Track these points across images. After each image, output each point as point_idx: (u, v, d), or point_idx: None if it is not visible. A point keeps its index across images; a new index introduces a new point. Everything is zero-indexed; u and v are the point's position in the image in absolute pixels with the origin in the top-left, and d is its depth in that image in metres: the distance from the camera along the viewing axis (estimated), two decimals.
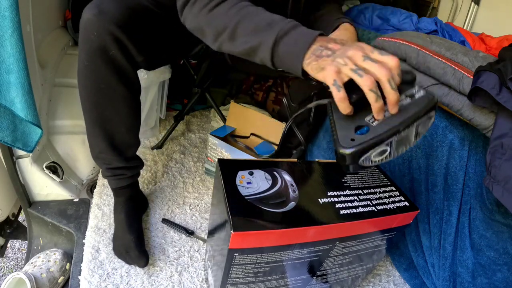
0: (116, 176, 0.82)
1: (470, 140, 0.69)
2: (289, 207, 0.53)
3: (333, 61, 0.44)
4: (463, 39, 0.97)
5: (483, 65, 0.61)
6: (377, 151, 0.43)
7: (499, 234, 0.66)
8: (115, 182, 0.83)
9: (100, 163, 0.81)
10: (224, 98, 1.57)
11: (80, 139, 1.02)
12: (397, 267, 0.91)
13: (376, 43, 0.84)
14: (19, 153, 0.84)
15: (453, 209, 0.73)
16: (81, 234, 0.87)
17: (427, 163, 0.77)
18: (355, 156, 0.43)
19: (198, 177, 1.10)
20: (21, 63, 0.65)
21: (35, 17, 0.88)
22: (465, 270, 0.73)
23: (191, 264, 0.81)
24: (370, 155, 0.43)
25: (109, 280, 0.74)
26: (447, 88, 0.69)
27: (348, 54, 0.43)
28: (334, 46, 0.46)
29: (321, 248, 0.56)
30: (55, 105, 0.98)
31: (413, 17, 1.08)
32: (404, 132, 0.43)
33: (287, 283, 0.62)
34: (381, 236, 0.61)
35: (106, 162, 0.80)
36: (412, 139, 0.46)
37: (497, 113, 0.59)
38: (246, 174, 0.57)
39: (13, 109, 0.66)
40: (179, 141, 1.27)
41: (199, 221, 0.94)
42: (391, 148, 0.44)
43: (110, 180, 0.83)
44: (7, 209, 0.92)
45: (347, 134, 0.44)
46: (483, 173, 0.68)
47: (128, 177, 0.84)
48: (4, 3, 0.60)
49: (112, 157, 0.78)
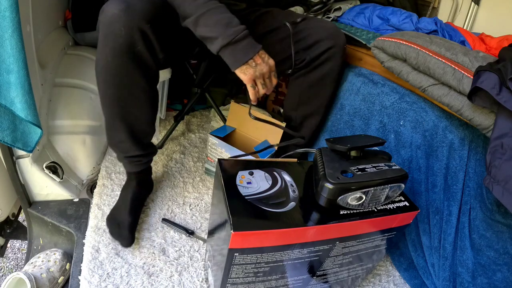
0: (132, 162, 0.87)
1: (470, 140, 0.69)
2: (289, 207, 0.53)
3: (254, 72, 0.69)
4: (463, 39, 0.97)
5: (483, 65, 0.61)
6: (355, 195, 0.52)
7: (499, 234, 0.66)
8: (130, 166, 0.88)
9: (117, 151, 0.86)
10: (224, 98, 1.57)
11: (80, 139, 1.02)
12: (397, 267, 0.91)
13: (376, 43, 0.84)
14: (19, 153, 0.84)
15: (453, 209, 0.73)
16: (81, 234, 0.87)
17: (427, 163, 0.77)
18: (336, 192, 0.51)
19: (198, 177, 1.10)
20: (21, 63, 0.65)
21: (35, 17, 0.88)
22: (465, 270, 0.73)
23: (191, 264, 0.81)
24: (348, 197, 0.52)
25: (109, 280, 0.74)
26: (447, 88, 0.69)
27: (263, 70, 0.70)
28: (258, 61, 0.69)
29: (321, 248, 0.56)
30: (55, 105, 0.98)
31: (413, 17, 1.08)
32: (380, 187, 0.53)
33: (287, 283, 0.62)
34: (381, 236, 0.61)
35: (124, 151, 0.84)
36: (382, 199, 0.56)
37: (497, 113, 0.59)
38: (246, 174, 0.57)
39: (13, 109, 0.66)
40: (179, 141, 1.27)
41: (199, 221, 0.94)
42: (367, 198, 0.54)
43: (125, 164, 0.88)
44: (7, 209, 0.92)
45: (334, 173, 0.53)
46: (483, 173, 0.68)
47: (143, 163, 0.89)
48: (4, 3, 0.60)
49: (130, 146, 0.82)
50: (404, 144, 0.82)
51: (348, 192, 0.52)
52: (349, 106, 0.97)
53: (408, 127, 0.80)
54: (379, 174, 0.54)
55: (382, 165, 0.56)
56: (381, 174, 0.54)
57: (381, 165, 0.56)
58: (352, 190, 0.52)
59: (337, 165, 0.55)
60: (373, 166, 0.55)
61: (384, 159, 0.60)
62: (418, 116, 0.78)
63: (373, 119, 0.90)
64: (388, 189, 0.55)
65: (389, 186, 0.54)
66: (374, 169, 0.55)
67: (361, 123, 0.94)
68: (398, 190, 0.57)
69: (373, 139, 0.61)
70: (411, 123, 0.80)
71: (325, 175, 0.52)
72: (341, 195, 0.52)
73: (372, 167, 0.55)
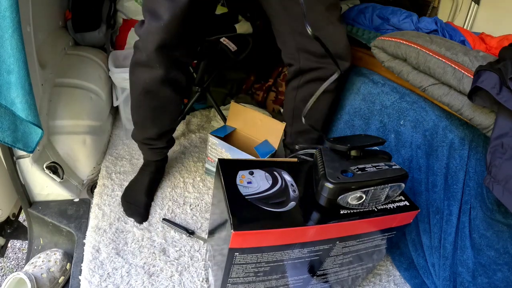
0: (154, 152, 0.96)
1: (470, 139, 0.69)
2: (289, 207, 0.53)
3: None
4: (463, 38, 0.97)
5: (483, 64, 0.61)
6: (355, 195, 0.52)
7: (500, 234, 0.66)
8: (152, 155, 0.98)
9: (141, 144, 0.95)
10: (224, 97, 1.57)
11: (80, 139, 1.02)
12: (398, 267, 0.91)
13: (376, 43, 0.84)
14: (20, 153, 0.84)
15: (454, 208, 0.73)
16: (81, 234, 0.87)
17: (427, 162, 0.77)
18: (336, 192, 0.51)
19: (198, 177, 1.10)
20: (21, 63, 0.65)
21: (35, 17, 0.88)
22: (465, 269, 0.73)
23: (192, 264, 0.81)
24: (348, 196, 0.52)
25: (110, 280, 0.74)
26: (447, 88, 0.69)
27: None
28: None
29: (321, 248, 0.56)
30: (55, 105, 0.98)
31: (413, 16, 1.08)
32: (380, 187, 0.53)
33: (287, 282, 0.62)
34: (381, 236, 0.61)
35: (149, 144, 0.93)
36: (382, 199, 0.56)
37: (497, 113, 0.59)
38: (246, 174, 0.57)
39: (14, 110, 0.66)
40: (179, 141, 1.27)
41: (200, 221, 0.94)
42: (367, 197, 0.54)
43: (146, 153, 0.97)
44: (7, 209, 0.92)
45: (334, 173, 0.53)
46: (484, 172, 0.68)
47: (164, 153, 1.00)
48: (4, 4, 0.60)
49: (156, 142, 0.93)
50: (404, 144, 0.82)
51: (348, 191, 0.52)
52: (349, 105, 0.97)
53: (408, 127, 0.80)
54: (379, 174, 0.54)
55: (382, 165, 0.56)
56: (381, 173, 0.54)
57: (381, 164, 0.56)
58: (352, 190, 0.52)
59: (337, 164, 0.55)
60: (373, 166, 0.55)
61: (384, 158, 0.60)
62: (418, 116, 0.78)
63: (373, 119, 0.90)
64: (388, 188, 0.55)
65: (389, 185, 0.54)
66: (374, 168, 0.55)
67: (361, 122, 0.94)
68: (398, 189, 0.57)
69: (373, 139, 0.61)
70: (411, 122, 0.80)
71: (325, 175, 0.52)
72: (341, 194, 0.52)
73: (372, 167, 0.55)
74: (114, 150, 1.17)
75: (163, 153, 1.00)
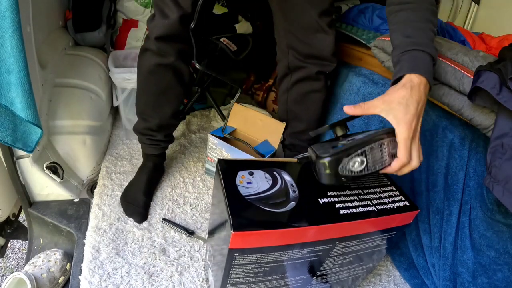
0: (152, 145, 0.98)
1: (471, 139, 0.69)
2: (289, 207, 0.53)
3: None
4: (463, 38, 0.97)
5: (483, 64, 0.61)
6: (354, 160, 0.51)
7: (500, 234, 0.66)
8: (150, 149, 1.00)
9: (141, 136, 0.98)
10: (224, 98, 1.57)
11: (80, 139, 1.02)
12: (398, 267, 0.91)
13: (376, 43, 0.84)
14: (20, 153, 0.84)
15: (454, 208, 0.73)
16: (81, 234, 0.87)
17: (427, 162, 0.77)
18: (333, 163, 0.50)
19: (198, 177, 1.10)
20: (21, 63, 0.65)
21: (35, 17, 0.88)
22: (465, 270, 0.72)
23: (192, 264, 0.81)
24: (348, 164, 0.51)
25: (110, 280, 0.74)
26: (447, 88, 0.69)
27: None
28: None
29: (321, 248, 0.56)
30: (55, 105, 0.98)
31: None
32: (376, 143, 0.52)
33: (287, 283, 0.62)
34: (381, 236, 0.61)
35: (149, 135, 0.96)
36: (385, 157, 0.54)
37: (497, 113, 0.59)
38: (246, 174, 0.57)
39: (14, 109, 0.66)
40: (179, 141, 1.27)
41: (200, 221, 0.94)
42: (368, 159, 0.52)
43: (145, 146, 0.99)
44: (7, 209, 0.92)
45: (325, 150, 0.52)
46: (484, 172, 0.68)
47: (161, 147, 1.01)
48: (4, 4, 0.60)
49: (155, 133, 0.96)
50: None
51: (345, 157, 0.50)
52: None
53: None
54: (370, 135, 0.53)
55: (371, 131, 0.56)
56: (371, 134, 0.53)
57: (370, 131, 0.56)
58: (348, 155, 0.50)
59: (327, 145, 0.55)
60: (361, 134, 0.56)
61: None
62: None
63: (373, 119, 0.90)
64: (385, 144, 0.53)
65: (386, 140, 0.52)
66: (363, 134, 0.55)
67: (361, 123, 0.94)
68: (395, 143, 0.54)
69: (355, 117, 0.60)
70: None
71: (318, 155, 0.52)
72: (339, 164, 0.50)
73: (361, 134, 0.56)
74: (114, 150, 1.17)
75: (161, 147, 1.01)
